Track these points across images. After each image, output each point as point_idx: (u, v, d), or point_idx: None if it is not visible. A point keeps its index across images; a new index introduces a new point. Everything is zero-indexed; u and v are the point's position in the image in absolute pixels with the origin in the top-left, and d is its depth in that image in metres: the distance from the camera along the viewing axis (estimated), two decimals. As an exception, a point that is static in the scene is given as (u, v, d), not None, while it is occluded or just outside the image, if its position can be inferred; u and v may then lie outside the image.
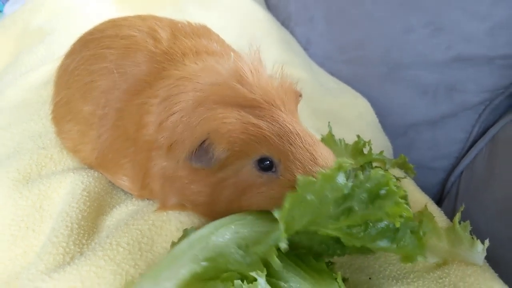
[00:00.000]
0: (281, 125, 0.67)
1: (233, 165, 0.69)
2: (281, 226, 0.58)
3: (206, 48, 0.86)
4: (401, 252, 0.62)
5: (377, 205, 0.58)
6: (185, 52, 0.83)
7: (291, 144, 0.67)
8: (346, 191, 0.59)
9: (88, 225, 0.81)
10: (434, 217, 0.80)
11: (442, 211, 0.92)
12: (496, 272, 0.79)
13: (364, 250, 0.66)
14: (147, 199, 0.86)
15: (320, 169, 0.66)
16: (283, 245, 0.57)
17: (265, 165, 0.68)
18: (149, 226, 0.78)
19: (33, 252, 0.79)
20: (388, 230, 0.61)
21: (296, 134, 0.67)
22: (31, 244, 0.80)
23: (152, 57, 0.83)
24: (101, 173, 0.90)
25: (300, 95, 0.78)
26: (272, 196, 0.68)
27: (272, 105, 0.69)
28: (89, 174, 0.88)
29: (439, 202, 1.35)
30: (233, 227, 0.64)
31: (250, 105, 0.68)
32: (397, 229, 0.61)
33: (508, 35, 1.13)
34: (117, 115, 0.81)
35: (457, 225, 0.78)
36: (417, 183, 1.02)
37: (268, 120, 0.67)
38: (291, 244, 0.60)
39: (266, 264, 0.58)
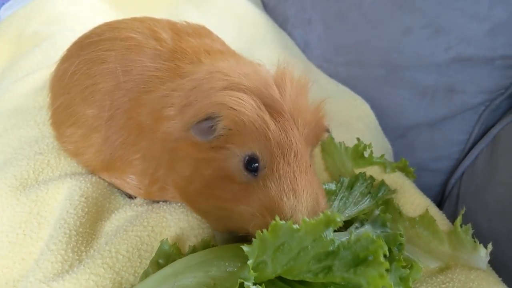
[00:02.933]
0: (287, 138, 0.67)
1: (225, 149, 0.69)
2: (250, 263, 0.55)
3: (213, 48, 0.86)
4: None
5: (360, 271, 0.55)
6: (195, 50, 0.83)
7: (283, 159, 0.66)
8: (331, 248, 0.56)
9: (86, 232, 0.80)
10: (435, 220, 0.80)
11: (443, 214, 0.91)
12: (498, 273, 0.79)
13: None
14: (150, 200, 0.85)
15: (292, 197, 0.64)
16: (249, 284, 0.55)
17: (252, 167, 0.67)
18: (148, 232, 0.78)
19: (31, 259, 0.78)
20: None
21: (295, 154, 0.67)
22: (29, 251, 0.79)
23: (159, 55, 0.82)
24: (101, 178, 0.89)
25: (327, 131, 0.78)
26: (240, 196, 0.68)
27: (293, 120, 0.68)
28: (87, 179, 0.87)
29: (439, 204, 1.34)
30: (204, 266, 0.61)
31: (273, 107, 0.68)
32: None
33: (508, 36, 1.13)
34: (127, 115, 0.81)
35: (459, 229, 0.78)
36: (417, 185, 1.01)
37: (280, 127, 0.67)
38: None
39: None
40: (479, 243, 0.77)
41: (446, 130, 1.31)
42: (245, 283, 0.55)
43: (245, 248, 0.56)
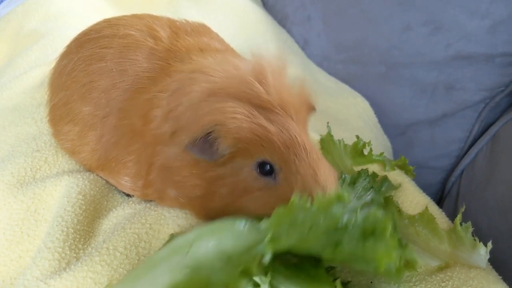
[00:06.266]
0: (290, 135, 0.66)
1: (234, 163, 0.68)
2: (267, 237, 0.57)
3: (209, 46, 0.85)
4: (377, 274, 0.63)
5: (368, 247, 0.56)
6: (190, 49, 0.82)
7: (296, 156, 0.66)
8: (340, 225, 0.57)
9: (84, 230, 0.80)
10: (435, 218, 0.80)
11: (443, 212, 0.91)
12: (498, 271, 0.79)
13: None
14: (148, 200, 0.85)
15: (319, 189, 0.65)
16: (267, 258, 0.56)
17: (265, 169, 0.67)
18: (146, 230, 0.77)
19: (28, 257, 0.78)
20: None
21: (303, 147, 0.67)
22: (26, 249, 0.79)
23: (153, 53, 0.81)
24: (98, 176, 0.88)
25: (314, 109, 0.77)
26: (266, 202, 0.67)
27: (286, 112, 0.68)
28: (85, 177, 0.86)
29: (439, 202, 1.34)
30: (216, 236, 0.62)
31: (263, 106, 0.67)
32: None
33: (508, 33, 1.13)
34: (121, 114, 0.80)
35: (458, 227, 0.77)
36: (417, 183, 1.01)
37: (279, 126, 0.66)
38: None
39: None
40: (479, 241, 0.77)
41: (446, 128, 1.31)
42: (264, 257, 0.56)
43: (263, 223, 0.59)
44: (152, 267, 0.59)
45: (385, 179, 0.91)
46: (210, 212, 0.70)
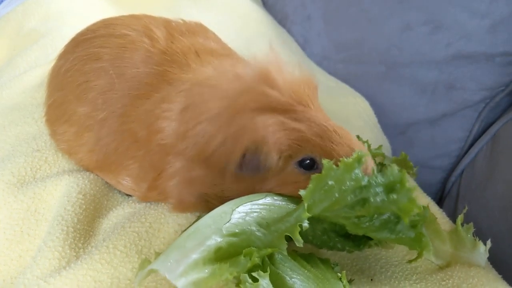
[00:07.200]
0: (318, 125, 0.69)
1: (276, 167, 0.69)
2: (305, 205, 0.61)
3: (204, 47, 0.85)
4: (399, 242, 0.67)
5: (392, 199, 0.61)
6: (185, 52, 0.82)
7: (332, 142, 0.68)
8: (363, 183, 0.61)
9: (84, 229, 0.80)
10: (436, 218, 0.79)
11: (443, 212, 0.91)
12: (499, 270, 0.79)
13: (362, 247, 0.71)
14: (149, 201, 0.84)
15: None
16: (305, 224, 0.60)
17: (307, 163, 0.69)
18: (146, 228, 0.77)
19: (29, 256, 0.78)
20: (389, 222, 0.65)
21: (334, 131, 0.69)
22: (27, 248, 0.79)
23: (150, 57, 0.82)
24: (97, 175, 0.88)
25: (317, 86, 0.78)
26: None
27: (303, 105, 0.70)
28: (85, 176, 0.86)
29: (439, 202, 1.34)
30: (253, 207, 0.66)
31: (284, 109, 0.68)
32: (398, 222, 0.65)
33: (508, 32, 1.13)
34: (121, 119, 0.80)
35: (460, 228, 0.77)
36: (417, 182, 1.01)
37: (306, 122, 0.68)
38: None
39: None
40: (479, 241, 0.77)
41: (446, 127, 1.31)
42: (302, 224, 0.60)
43: (301, 192, 0.62)
44: (198, 232, 0.61)
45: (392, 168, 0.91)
46: None
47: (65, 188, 0.84)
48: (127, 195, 0.89)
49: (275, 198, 0.68)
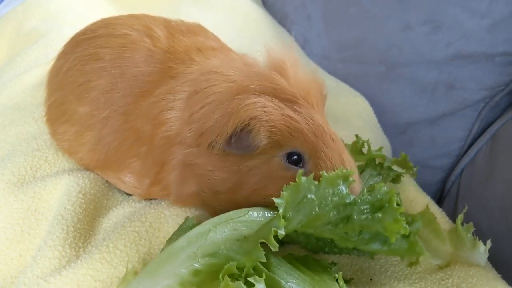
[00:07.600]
0: (315, 123, 0.69)
1: (264, 154, 0.70)
2: (280, 211, 0.60)
3: (206, 45, 0.86)
4: (392, 254, 0.67)
5: (377, 218, 0.61)
6: (187, 49, 0.83)
7: (324, 144, 0.69)
8: (347, 200, 0.61)
9: (84, 228, 0.80)
10: (436, 218, 0.79)
11: (443, 212, 0.91)
12: (498, 269, 0.79)
13: (360, 251, 0.71)
14: (150, 198, 0.85)
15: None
16: (281, 232, 0.59)
17: (294, 159, 0.69)
18: (146, 228, 0.77)
19: (29, 255, 0.78)
20: (380, 234, 0.64)
21: (330, 136, 0.70)
22: (27, 247, 0.79)
23: (152, 56, 0.82)
24: (98, 175, 0.88)
25: (325, 98, 0.79)
26: None
27: (308, 103, 0.70)
28: (85, 175, 0.86)
29: (439, 201, 1.34)
30: (231, 224, 0.64)
31: (287, 99, 0.69)
32: None
33: (508, 32, 1.13)
34: (124, 118, 0.80)
35: (460, 227, 0.77)
36: (416, 182, 1.01)
37: (305, 116, 0.69)
38: (289, 240, 0.62)
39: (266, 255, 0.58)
40: (479, 240, 0.77)
41: (446, 127, 1.31)
42: (278, 231, 0.59)
43: (275, 200, 0.61)
44: (171, 257, 0.60)
45: (390, 168, 0.93)
46: (237, 203, 0.70)
47: (65, 188, 0.84)
48: (128, 194, 0.89)
49: (256, 215, 0.67)
